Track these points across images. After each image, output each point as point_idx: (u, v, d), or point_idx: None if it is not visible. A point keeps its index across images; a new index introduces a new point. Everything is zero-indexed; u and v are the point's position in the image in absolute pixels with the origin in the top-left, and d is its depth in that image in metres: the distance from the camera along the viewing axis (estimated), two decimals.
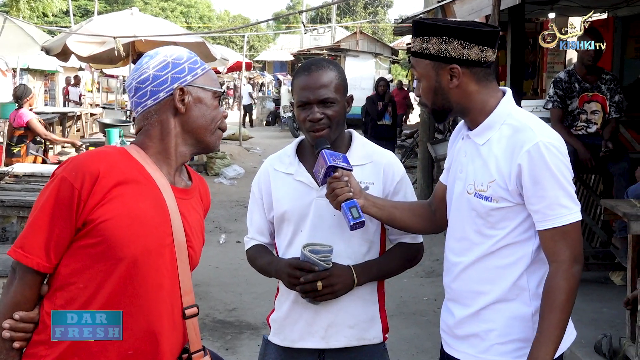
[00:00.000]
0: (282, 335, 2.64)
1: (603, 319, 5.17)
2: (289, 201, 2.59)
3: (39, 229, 1.92)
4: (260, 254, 2.71)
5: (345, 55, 25.90)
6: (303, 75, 2.55)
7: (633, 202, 4.47)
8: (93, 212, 1.90)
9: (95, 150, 2.04)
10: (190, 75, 2.07)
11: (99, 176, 1.91)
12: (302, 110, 2.54)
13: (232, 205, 11.52)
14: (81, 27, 12.06)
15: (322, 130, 2.51)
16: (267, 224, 2.71)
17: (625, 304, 4.28)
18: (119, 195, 1.92)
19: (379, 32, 53.12)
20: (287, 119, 24.78)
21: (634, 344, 4.04)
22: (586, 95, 6.16)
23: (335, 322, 2.55)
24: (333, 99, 2.52)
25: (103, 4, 49.52)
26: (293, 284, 2.47)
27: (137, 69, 2.10)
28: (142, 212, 1.95)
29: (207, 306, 6.50)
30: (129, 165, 1.99)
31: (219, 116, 2.13)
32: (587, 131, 6.17)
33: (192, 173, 2.24)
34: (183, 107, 2.05)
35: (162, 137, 2.07)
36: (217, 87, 2.14)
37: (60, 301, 1.93)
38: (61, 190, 1.91)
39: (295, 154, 2.66)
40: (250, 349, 5.42)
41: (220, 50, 15.19)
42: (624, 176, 5.90)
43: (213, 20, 69.80)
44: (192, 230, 2.08)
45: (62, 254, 1.94)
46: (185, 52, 2.13)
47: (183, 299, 2.04)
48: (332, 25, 39.49)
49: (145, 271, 1.94)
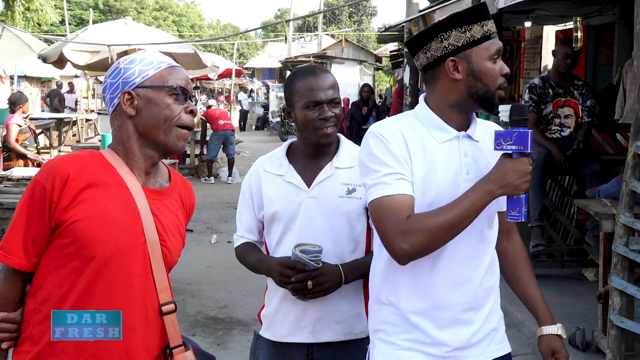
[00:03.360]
0: (272, 330, 2.66)
1: (577, 313, 5.22)
2: (279, 201, 2.59)
3: (17, 231, 1.95)
4: (250, 252, 2.72)
5: (331, 62, 25.88)
6: (310, 77, 2.57)
7: (604, 201, 4.51)
8: (65, 213, 1.91)
9: (70, 154, 2.04)
10: (140, 77, 2.02)
11: (68, 178, 1.91)
12: (311, 111, 2.54)
13: (223, 206, 11.50)
14: (77, 35, 12.03)
15: (332, 128, 2.55)
16: (257, 223, 2.71)
17: (597, 299, 4.33)
18: (90, 197, 1.93)
19: (363, 40, 53.18)
20: (276, 124, 24.78)
21: (606, 336, 4.08)
22: (559, 100, 6.22)
23: (323, 318, 2.56)
24: (339, 99, 2.58)
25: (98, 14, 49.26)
26: (284, 282, 2.48)
27: (103, 79, 2.11)
28: (112, 213, 1.94)
29: (199, 303, 6.50)
30: (101, 168, 1.99)
31: (175, 113, 2.03)
32: (560, 134, 6.22)
33: (174, 175, 2.21)
34: (132, 110, 2.01)
35: (124, 141, 2.05)
36: (175, 84, 2.04)
37: (40, 299, 1.96)
38: (35, 192, 1.93)
39: (285, 156, 2.67)
40: (241, 344, 5.43)
41: (211, 57, 15.17)
42: (595, 177, 5.95)
43: (204, 29, 69.69)
44: (167, 230, 2.06)
45: (40, 253, 1.96)
46: (142, 55, 2.08)
47: (159, 295, 2.03)
48: (318, 34, 39.44)
49: (115, 270, 1.94)
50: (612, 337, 3.98)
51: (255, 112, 30.43)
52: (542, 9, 8.84)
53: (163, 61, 2.08)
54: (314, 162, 2.61)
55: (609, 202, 4.41)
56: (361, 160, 2.13)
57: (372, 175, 2.06)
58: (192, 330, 5.76)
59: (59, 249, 1.94)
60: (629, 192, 3.91)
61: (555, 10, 8.88)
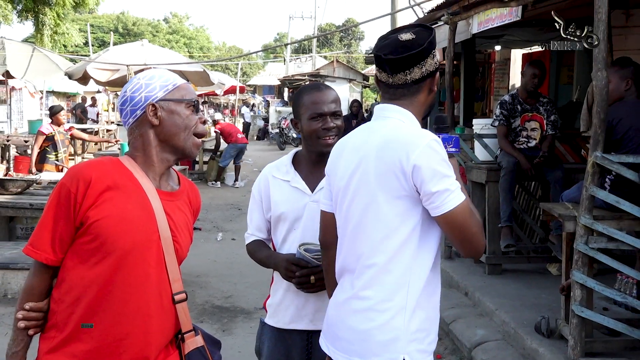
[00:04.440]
0: (276, 318, 2.66)
1: (542, 304, 5.20)
2: (285, 204, 2.59)
3: (45, 228, 1.95)
4: (259, 248, 2.71)
5: (324, 81, 25.85)
6: (315, 92, 2.58)
7: (567, 205, 4.50)
8: (88, 213, 1.91)
9: (92, 160, 2.06)
10: (162, 92, 2.04)
11: (91, 181, 1.92)
12: (314, 122, 2.54)
13: (228, 207, 11.46)
14: (99, 56, 12.03)
15: (333, 138, 2.54)
16: (265, 223, 2.70)
17: (560, 291, 4.31)
18: (110, 199, 1.93)
19: (352, 61, 53.22)
20: (275, 135, 24.75)
21: (568, 324, 4.07)
22: (527, 115, 6.21)
23: (322, 308, 2.54)
24: (340, 112, 2.58)
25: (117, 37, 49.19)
26: (289, 277, 2.50)
27: (120, 94, 2.11)
28: (130, 212, 1.94)
29: (206, 294, 6.46)
30: (119, 173, 2.00)
31: (193, 122, 2.07)
32: (527, 145, 6.21)
33: (183, 179, 2.21)
34: (157, 120, 2.03)
35: (144, 147, 2.05)
36: (191, 97, 2.08)
37: (64, 290, 1.95)
38: (61, 194, 1.93)
39: (291, 163, 2.67)
40: (244, 331, 5.40)
41: (217, 76, 15.18)
42: (558, 183, 5.95)
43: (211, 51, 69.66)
44: (178, 227, 2.06)
45: (66, 249, 1.95)
46: (158, 72, 2.10)
47: (172, 286, 2.02)
48: (312, 55, 39.48)
49: (133, 262, 1.93)
50: (573, 325, 3.96)
51: (257, 124, 30.38)
52: (511, 35, 8.83)
53: (177, 78, 2.11)
54: (317, 169, 2.60)
55: (571, 206, 4.40)
56: (433, 167, 1.91)
57: (448, 180, 1.92)
58: (200, 318, 5.72)
59: (83, 245, 1.93)
60: (589, 197, 3.90)
61: (522, 35, 8.88)
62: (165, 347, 2.03)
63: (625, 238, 3.86)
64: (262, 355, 2.72)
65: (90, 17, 55.08)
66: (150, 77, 2.07)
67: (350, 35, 67.58)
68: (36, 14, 22.55)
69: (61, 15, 23.35)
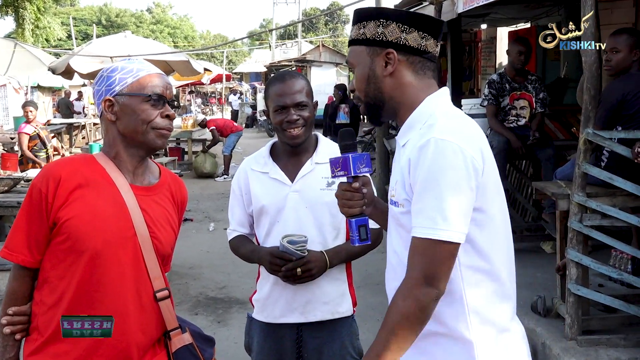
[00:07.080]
0: (265, 312, 2.61)
1: (537, 283, 5.18)
2: (266, 197, 2.54)
3: (20, 230, 1.91)
4: (242, 244, 2.67)
5: (310, 66, 25.76)
6: (278, 83, 2.51)
7: (560, 183, 4.46)
8: (59, 212, 1.87)
9: (63, 158, 2.04)
10: (119, 85, 1.95)
11: (60, 180, 1.88)
12: (279, 114, 2.49)
13: (219, 197, 11.40)
14: (82, 49, 11.87)
15: (299, 129, 2.48)
16: (247, 217, 2.65)
17: (557, 270, 4.28)
18: (80, 196, 1.89)
19: (338, 44, 52.96)
20: (263, 122, 24.64)
21: (565, 303, 4.05)
22: (515, 94, 6.17)
23: (312, 300, 2.53)
24: (306, 102, 2.49)
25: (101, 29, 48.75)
26: (275, 270, 2.46)
27: None
28: (101, 210, 1.90)
29: (200, 285, 6.42)
30: (91, 170, 1.95)
31: (151, 117, 1.94)
32: (517, 124, 6.17)
33: (164, 172, 2.14)
34: (113, 115, 1.96)
35: (112, 143, 2.00)
36: (152, 90, 1.95)
37: (45, 291, 1.91)
38: (33, 194, 1.90)
39: (269, 154, 2.62)
40: (239, 322, 5.35)
41: (203, 64, 15.00)
42: (549, 160, 5.93)
43: (196, 39, 69.26)
44: (156, 223, 2.00)
45: (43, 250, 1.91)
46: (122, 64, 2.01)
47: (153, 283, 1.97)
48: (298, 40, 39.27)
49: (107, 261, 1.89)
50: (570, 303, 3.94)
51: (245, 112, 30.24)
52: (496, 13, 8.76)
53: (142, 69, 2.00)
54: (295, 159, 2.57)
55: (564, 184, 4.36)
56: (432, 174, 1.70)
57: None
58: (195, 310, 5.67)
59: (58, 245, 1.89)
60: (582, 174, 3.86)
61: (507, 13, 8.83)
62: (152, 346, 1.99)
63: (619, 214, 3.83)
64: (253, 350, 2.68)
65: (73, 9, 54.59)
66: (112, 70, 1.99)
67: (336, 19, 67.25)
68: (16, 8, 22.30)
69: (42, 9, 23.10)
